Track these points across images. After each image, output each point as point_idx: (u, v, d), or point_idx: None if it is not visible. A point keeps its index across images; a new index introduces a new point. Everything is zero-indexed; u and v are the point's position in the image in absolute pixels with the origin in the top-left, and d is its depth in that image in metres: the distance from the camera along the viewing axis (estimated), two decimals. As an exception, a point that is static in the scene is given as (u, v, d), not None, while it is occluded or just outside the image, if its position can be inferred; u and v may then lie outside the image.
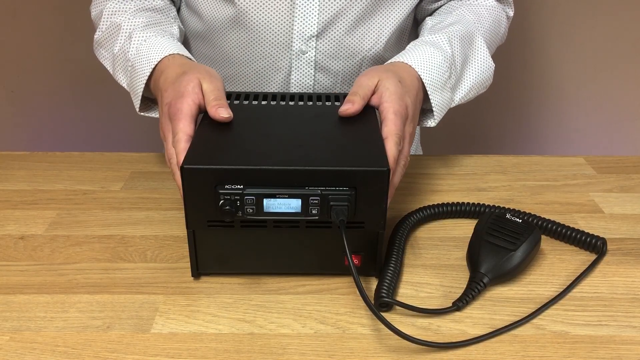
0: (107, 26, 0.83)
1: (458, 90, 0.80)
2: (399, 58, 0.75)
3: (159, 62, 0.73)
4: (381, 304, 0.57)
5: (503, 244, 0.62)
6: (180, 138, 0.61)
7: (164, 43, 0.76)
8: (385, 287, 0.58)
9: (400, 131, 0.64)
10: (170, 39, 0.78)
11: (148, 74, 0.73)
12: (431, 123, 0.77)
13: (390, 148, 0.61)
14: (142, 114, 0.79)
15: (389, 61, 0.76)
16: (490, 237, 0.62)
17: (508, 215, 0.66)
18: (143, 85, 0.74)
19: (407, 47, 0.79)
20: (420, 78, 0.73)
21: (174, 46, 0.76)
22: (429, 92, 0.74)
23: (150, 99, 0.80)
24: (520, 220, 0.65)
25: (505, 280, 0.62)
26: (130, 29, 0.80)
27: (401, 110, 0.65)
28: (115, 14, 0.83)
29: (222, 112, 0.64)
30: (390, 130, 0.63)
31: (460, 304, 0.58)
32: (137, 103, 0.77)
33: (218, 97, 0.65)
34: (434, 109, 0.75)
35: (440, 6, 0.92)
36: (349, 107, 0.66)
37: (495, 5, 0.90)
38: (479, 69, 0.82)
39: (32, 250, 0.67)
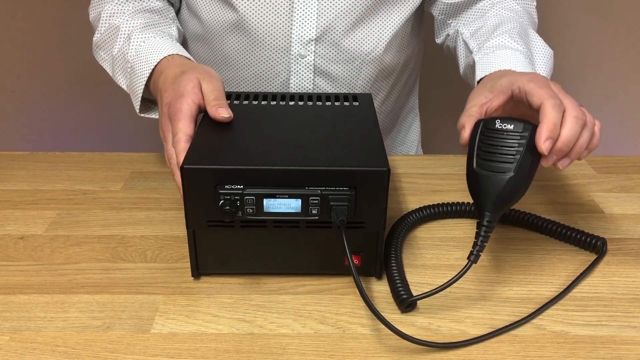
0: (106, 28, 0.83)
1: None
2: (485, 70, 0.72)
3: (158, 62, 0.73)
4: (407, 305, 0.57)
5: (497, 168, 0.55)
6: (180, 138, 0.61)
7: (162, 44, 0.76)
8: (401, 288, 0.57)
9: (553, 94, 0.57)
10: (169, 40, 0.78)
11: (147, 74, 0.73)
12: None
13: (548, 112, 0.54)
14: (142, 115, 0.79)
15: (479, 77, 0.72)
16: (483, 163, 0.56)
17: (498, 124, 0.57)
18: (143, 86, 0.74)
19: (479, 60, 0.75)
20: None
21: (173, 47, 0.76)
22: None
23: (150, 100, 0.79)
24: (512, 126, 0.56)
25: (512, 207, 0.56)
26: (129, 30, 0.79)
27: (542, 80, 0.60)
28: (113, 16, 0.83)
29: (222, 112, 0.64)
30: (540, 96, 0.56)
31: (473, 257, 0.55)
32: (137, 104, 0.77)
33: (218, 97, 0.65)
34: None
35: (458, 2, 0.88)
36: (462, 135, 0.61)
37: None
38: (544, 59, 0.79)
39: (32, 250, 0.67)
